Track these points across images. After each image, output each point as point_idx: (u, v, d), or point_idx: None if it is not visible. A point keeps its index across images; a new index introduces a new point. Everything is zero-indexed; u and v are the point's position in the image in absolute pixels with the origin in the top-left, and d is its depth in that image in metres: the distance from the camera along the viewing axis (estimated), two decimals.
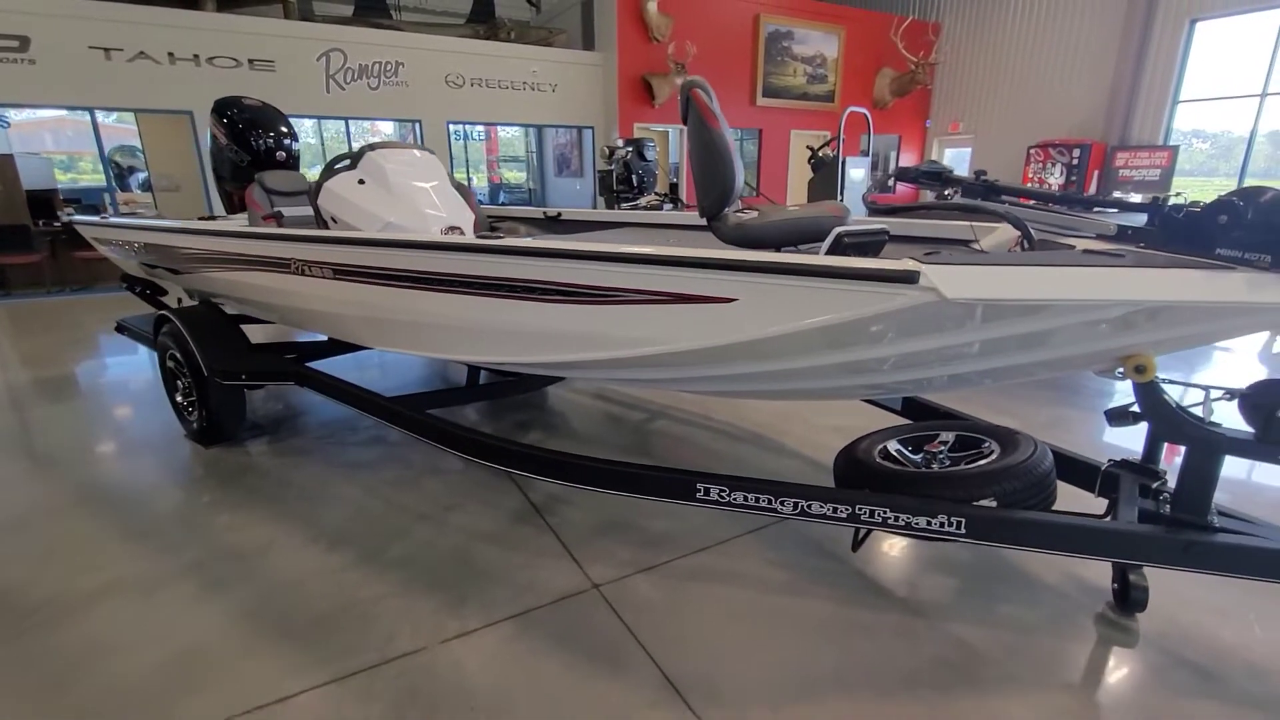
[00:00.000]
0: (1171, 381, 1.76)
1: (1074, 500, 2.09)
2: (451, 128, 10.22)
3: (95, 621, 2.10)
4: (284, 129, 4.50)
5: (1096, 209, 2.11)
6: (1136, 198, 8.66)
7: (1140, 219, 1.92)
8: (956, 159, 14.28)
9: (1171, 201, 1.74)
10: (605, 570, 2.34)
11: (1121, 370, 1.68)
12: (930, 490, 1.90)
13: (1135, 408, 1.76)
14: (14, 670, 1.89)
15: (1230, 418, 1.70)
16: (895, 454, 2.19)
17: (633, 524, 2.64)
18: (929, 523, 1.78)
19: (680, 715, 1.71)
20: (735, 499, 1.93)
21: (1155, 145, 10.87)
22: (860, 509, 1.84)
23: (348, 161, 2.71)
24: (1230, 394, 1.71)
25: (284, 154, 4.43)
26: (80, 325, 6.71)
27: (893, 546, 2.49)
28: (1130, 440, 2.96)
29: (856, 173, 7.30)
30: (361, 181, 2.60)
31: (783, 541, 2.52)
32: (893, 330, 1.53)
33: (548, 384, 3.78)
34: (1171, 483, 1.91)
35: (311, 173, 4.22)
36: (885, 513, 1.82)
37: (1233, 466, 3.09)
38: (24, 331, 6.54)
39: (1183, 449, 1.76)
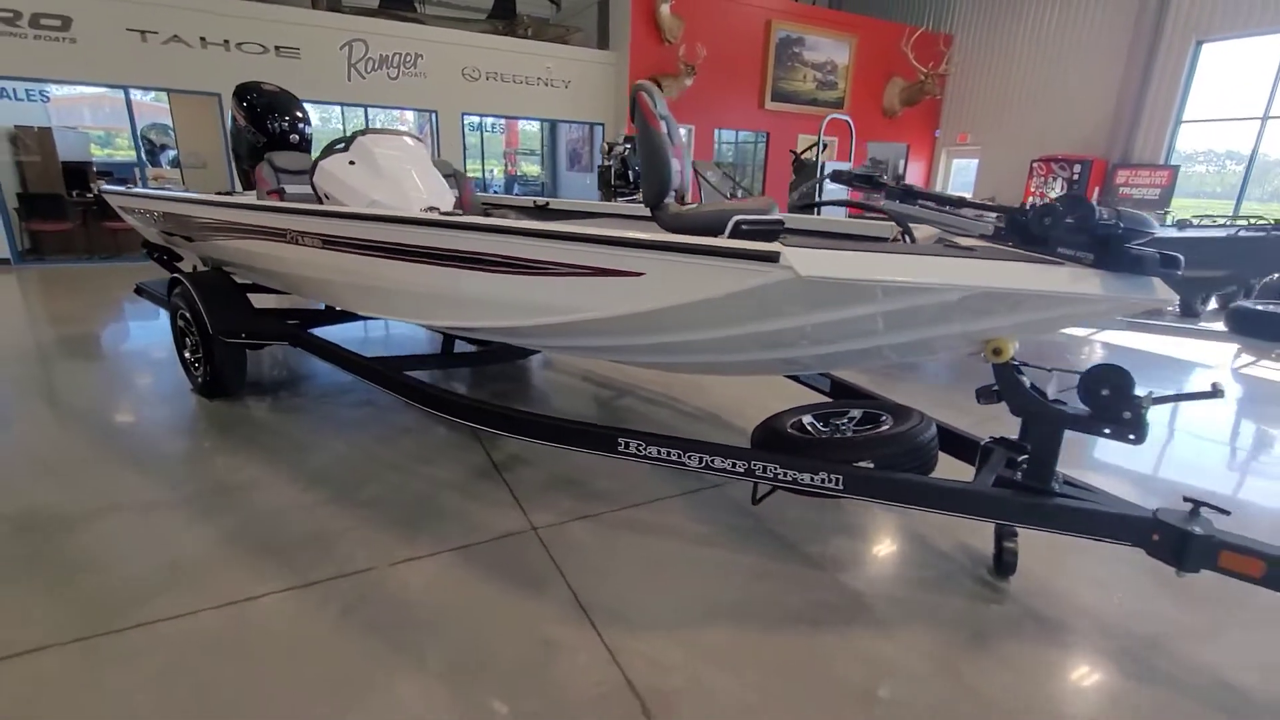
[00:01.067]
0: (1026, 364, 2.01)
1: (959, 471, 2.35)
2: (466, 119, 10.56)
3: (99, 535, 2.43)
4: (299, 114, 4.82)
5: (988, 212, 2.35)
6: None
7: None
8: (964, 170, 14.40)
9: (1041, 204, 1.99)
10: (546, 517, 2.63)
11: (983, 353, 1.94)
12: (819, 453, 2.17)
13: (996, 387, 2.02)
14: (31, 567, 2.23)
15: None
16: (807, 426, 2.46)
17: (580, 482, 2.93)
18: (812, 479, 2.05)
19: (583, 629, 1.99)
20: (650, 452, 2.21)
21: (1156, 165, 10.94)
22: (755, 465, 2.11)
23: (344, 144, 3.02)
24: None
25: (297, 137, 4.75)
26: (106, 290, 7.14)
27: (808, 512, 2.74)
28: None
29: None
30: (352, 163, 2.91)
31: (711, 504, 2.78)
32: (768, 305, 1.79)
33: (519, 356, 4.06)
34: None
35: None
36: (775, 469, 2.09)
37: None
38: (54, 294, 6.98)
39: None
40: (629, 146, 8.11)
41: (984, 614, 2.17)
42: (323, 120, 12.90)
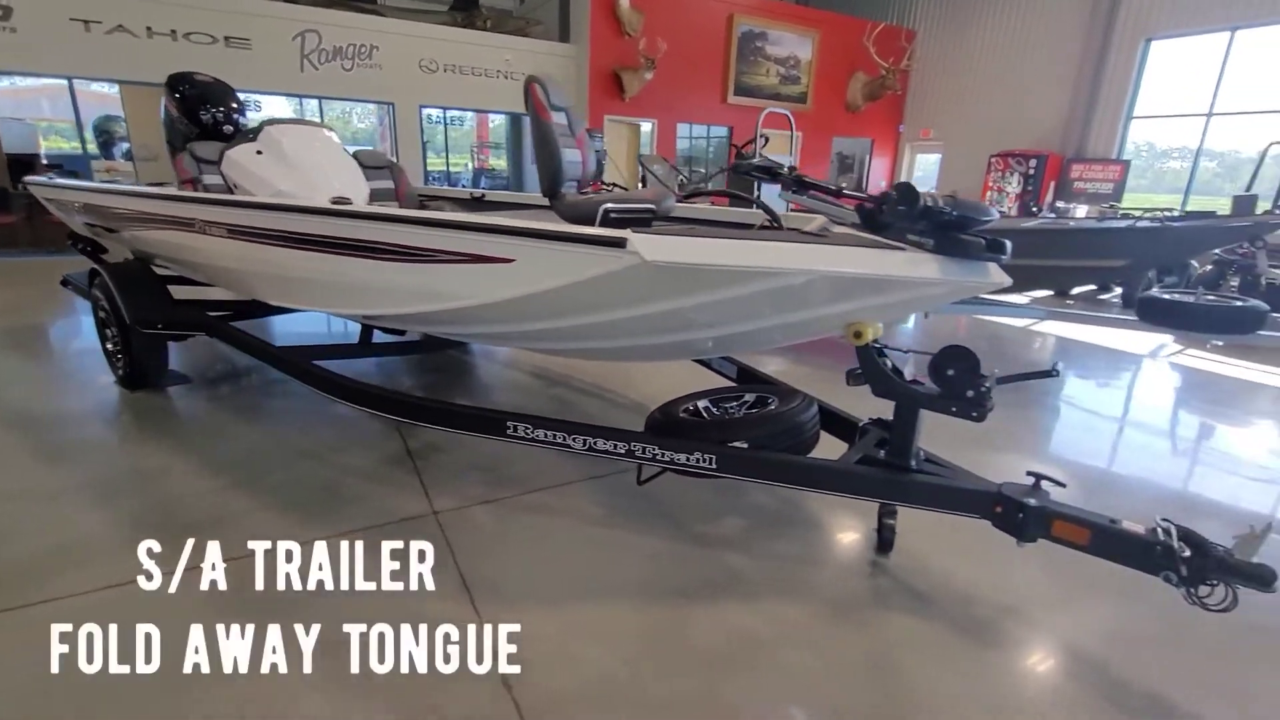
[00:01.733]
0: (888, 347, 2.10)
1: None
2: (427, 112, 10.51)
3: (1, 516, 2.45)
4: (234, 104, 4.79)
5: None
6: (1082, 210, 8.93)
7: None
8: (927, 165, 14.62)
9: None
10: (450, 501, 2.67)
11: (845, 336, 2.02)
12: (699, 435, 2.24)
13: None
14: None
15: None
16: (701, 410, 2.53)
17: (491, 469, 2.98)
18: (687, 459, 2.12)
19: (461, 605, 2.05)
20: (537, 435, 2.27)
21: (1109, 159, 11.20)
22: (635, 446, 2.17)
23: (252, 134, 3.04)
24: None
25: (231, 128, 4.72)
26: (46, 283, 7.00)
27: (708, 495, 2.81)
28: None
29: None
30: (259, 152, 2.92)
31: (614, 489, 2.83)
32: (626, 290, 1.85)
33: (443, 347, 4.08)
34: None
35: None
36: (655, 450, 2.16)
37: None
38: None
39: None
40: None
41: (856, 588, 2.27)
42: (295, 113, 12.76)
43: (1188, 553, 1.63)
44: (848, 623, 2.07)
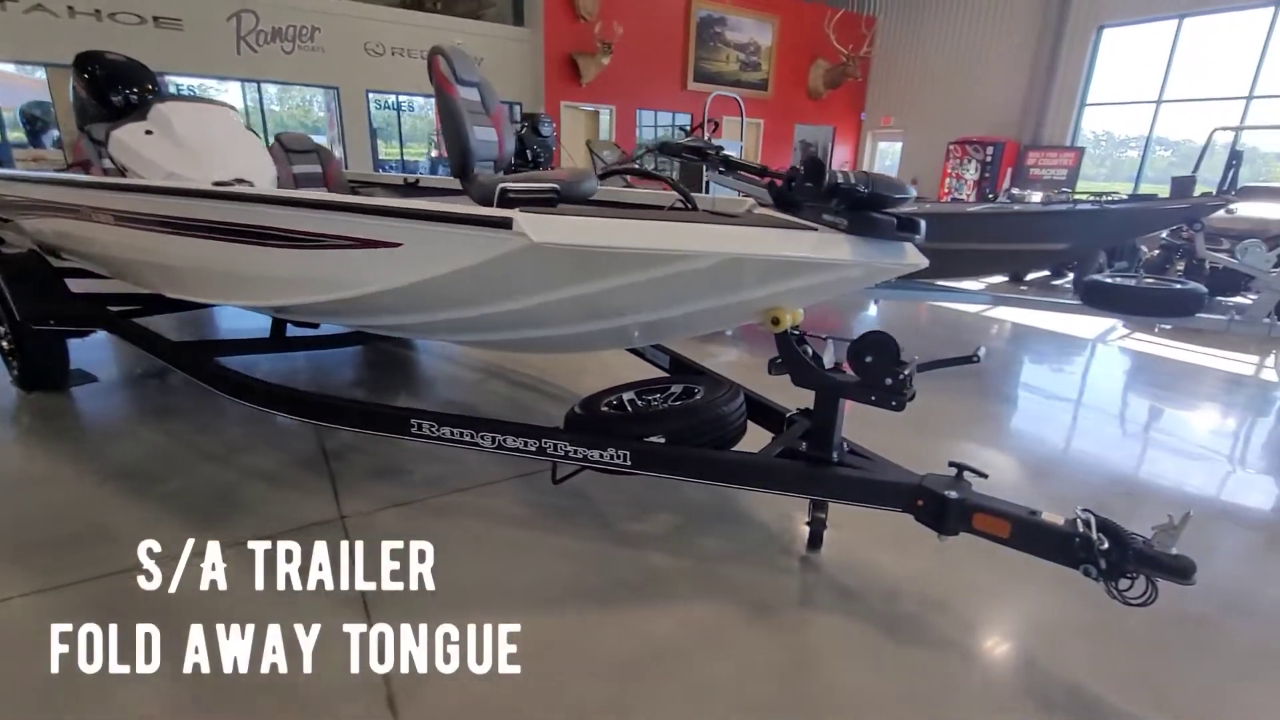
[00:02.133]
0: (808, 334, 1.99)
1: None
2: (377, 98, 10.15)
3: None
4: (149, 86, 4.50)
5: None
6: (1037, 197, 8.97)
7: None
8: (893, 153, 14.67)
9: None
10: (360, 505, 2.51)
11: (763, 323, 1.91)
12: (617, 429, 2.11)
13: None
14: None
15: None
16: (626, 403, 2.40)
17: (410, 469, 2.81)
18: (600, 455, 2.00)
19: (357, 613, 1.90)
20: (443, 434, 2.12)
21: (1063, 146, 11.34)
22: (546, 443, 2.04)
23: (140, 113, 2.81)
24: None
25: None
26: None
27: (645, 491, 2.68)
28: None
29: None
30: (149, 132, 2.70)
31: (541, 487, 2.67)
32: (519, 275, 1.71)
33: (368, 342, 3.89)
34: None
35: None
36: (566, 447, 2.03)
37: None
38: None
39: None
40: (524, 125, 7.92)
41: (783, 586, 2.17)
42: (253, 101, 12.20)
43: (1107, 544, 1.56)
44: (770, 623, 1.96)
